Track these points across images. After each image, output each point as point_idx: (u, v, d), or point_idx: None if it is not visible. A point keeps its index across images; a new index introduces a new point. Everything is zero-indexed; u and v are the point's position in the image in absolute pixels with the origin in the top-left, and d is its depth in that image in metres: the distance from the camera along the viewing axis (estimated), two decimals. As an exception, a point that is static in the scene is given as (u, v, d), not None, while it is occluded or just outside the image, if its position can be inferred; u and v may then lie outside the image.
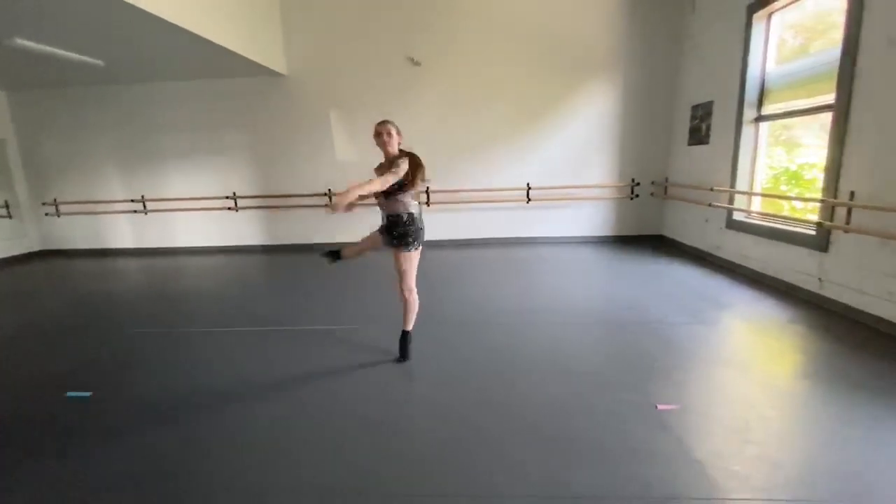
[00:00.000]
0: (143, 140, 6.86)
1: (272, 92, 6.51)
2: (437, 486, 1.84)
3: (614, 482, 1.82)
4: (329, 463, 2.00)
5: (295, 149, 6.68)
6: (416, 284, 2.93)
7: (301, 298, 4.50)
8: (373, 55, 6.29)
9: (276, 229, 7.03)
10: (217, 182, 6.89)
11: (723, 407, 2.31)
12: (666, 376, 2.64)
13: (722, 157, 5.00)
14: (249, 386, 2.73)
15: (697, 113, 5.54)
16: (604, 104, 6.28)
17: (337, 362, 2.98)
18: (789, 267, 4.05)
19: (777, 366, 2.81)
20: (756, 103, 4.60)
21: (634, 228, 6.62)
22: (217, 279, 5.51)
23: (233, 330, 3.66)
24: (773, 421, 2.20)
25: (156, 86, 6.62)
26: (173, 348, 3.34)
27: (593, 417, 2.25)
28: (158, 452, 2.12)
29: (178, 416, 2.42)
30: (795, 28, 4.39)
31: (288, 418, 2.36)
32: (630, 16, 6.02)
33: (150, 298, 4.79)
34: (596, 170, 6.45)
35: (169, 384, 2.80)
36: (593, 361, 2.86)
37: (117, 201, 7.10)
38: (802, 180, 4.46)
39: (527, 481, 1.84)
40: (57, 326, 3.95)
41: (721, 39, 5.04)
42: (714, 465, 1.89)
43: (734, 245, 4.85)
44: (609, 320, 3.54)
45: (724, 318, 3.61)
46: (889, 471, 1.83)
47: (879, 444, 1.99)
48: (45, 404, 2.61)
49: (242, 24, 5.21)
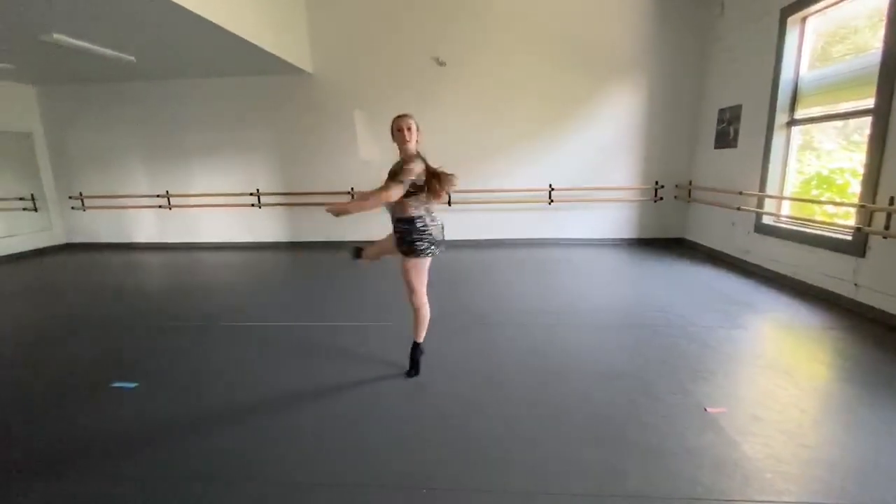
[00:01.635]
0: (168, 136, 6.95)
1: (297, 90, 6.56)
2: (488, 482, 1.86)
3: (670, 483, 1.83)
4: (379, 459, 2.02)
5: (318, 147, 6.73)
6: (430, 290, 2.74)
7: (330, 294, 4.54)
8: (398, 54, 6.32)
9: (298, 226, 7.09)
10: (240, 179, 6.96)
11: (772, 410, 2.31)
12: (710, 379, 2.64)
13: (751, 161, 4.98)
14: (287, 381, 2.76)
15: (725, 116, 5.52)
16: (628, 106, 6.27)
17: (374, 358, 3.01)
18: (822, 272, 4.02)
19: (821, 370, 2.80)
20: (788, 107, 4.58)
21: (657, 231, 6.60)
22: (243, 274, 5.57)
23: (264, 325, 3.70)
24: (825, 425, 2.20)
25: (183, 82, 6.69)
26: (206, 341, 3.39)
27: (642, 419, 2.26)
28: (207, 447, 2.15)
29: (224, 409, 2.46)
30: (831, 32, 4.36)
31: (333, 412, 2.39)
32: (656, 17, 6.00)
33: (178, 292, 4.85)
34: (619, 172, 6.44)
35: (206, 377, 2.84)
36: (633, 364, 2.86)
37: (142, 196, 7.19)
38: (834, 185, 4.43)
39: (580, 479, 1.86)
40: (89, 319, 4.01)
41: (752, 42, 5.02)
42: (771, 467, 1.90)
43: (763, 249, 4.83)
44: (642, 323, 3.54)
45: (759, 321, 3.60)
46: (949, 477, 1.83)
47: (936, 451, 1.98)
48: (91, 395, 2.66)
49: (270, 20, 5.25)
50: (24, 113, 6.92)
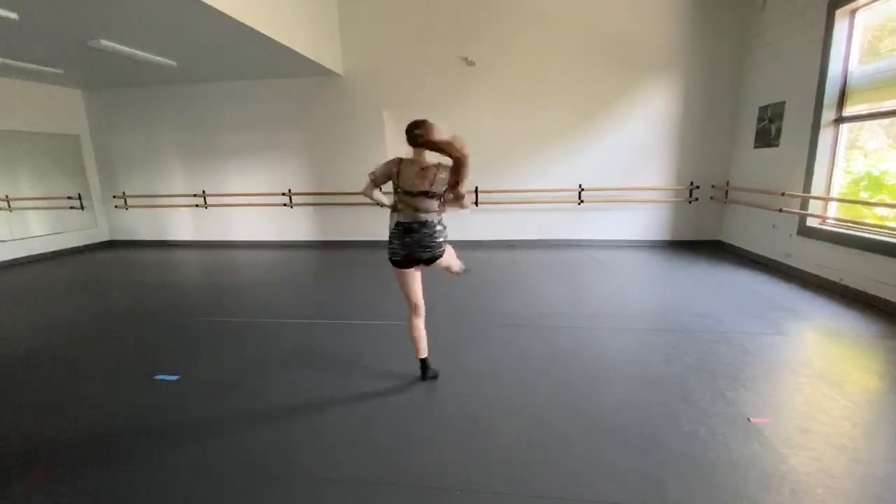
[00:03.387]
0: (205, 137, 7.18)
1: (328, 91, 6.67)
2: (521, 487, 1.84)
3: (713, 495, 1.77)
4: (409, 459, 2.03)
5: (348, 148, 6.82)
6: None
7: (364, 292, 4.59)
8: (427, 55, 6.34)
9: (328, 226, 7.20)
10: (273, 179, 7.12)
11: (821, 422, 2.21)
12: (753, 388, 2.54)
13: (795, 161, 4.77)
14: (322, 378, 2.80)
15: (766, 114, 5.31)
16: (663, 104, 6.11)
17: (406, 358, 3.02)
18: (873, 277, 3.83)
19: (873, 382, 2.66)
20: (836, 104, 4.37)
21: (691, 233, 6.41)
22: (276, 272, 5.70)
23: (300, 322, 3.78)
24: (879, 439, 2.09)
25: (219, 85, 6.90)
26: (244, 337, 3.48)
27: (682, 427, 2.20)
28: (247, 441, 2.21)
29: (264, 402, 2.52)
30: (880, 26, 4.14)
31: (371, 411, 2.42)
32: (692, 12, 5.82)
33: (216, 288, 5.01)
34: (652, 172, 6.28)
35: (244, 371, 2.91)
36: (670, 370, 2.78)
37: (180, 195, 7.45)
38: (885, 186, 4.21)
39: (617, 488, 1.82)
40: (132, 313, 4.18)
41: (796, 37, 4.80)
42: (822, 483, 1.81)
43: (807, 253, 4.63)
44: (678, 328, 3.44)
45: (804, 329, 3.45)
46: None
47: None
48: (136, 385, 2.77)
49: (303, 23, 5.35)
50: (72, 116, 7.27)
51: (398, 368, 2.88)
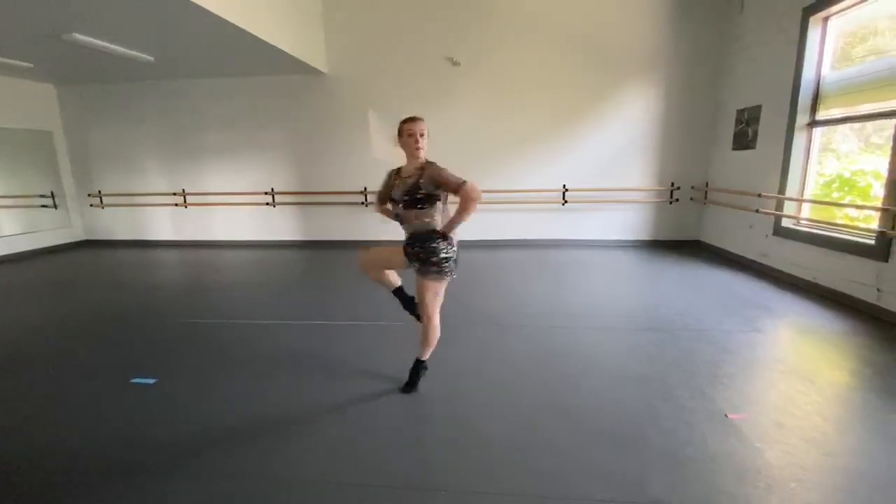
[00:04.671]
0: (184, 135, 7.03)
1: (311, 90, 6.60)
2: (505, 486, 1.86)
3: (692, 490, 1.81)
4: (392, 461, 2.03)
5: (332, 147, 6.76)
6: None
7: (348, 293, 4.56)
8: (412, 54, 6.33)
9: (313, 225, 7.13)
10: (255, 178, 7.02)
11: (795, 417, 2.28)
12: (730, 384, 2.61)
13: (770, 163, 4.91)
14: (309, 379, 2.78)
15: (743, 117, 5.44)
16: (644, 106, 6.21)
17: (391, 359, 3.02)
18: (844, 276, 3.96)
19: (844, 377, 2.76)
20: (810, 108, 4.50)
21: (672, 233, 6.53)
22: (257, 272, 5.62)
23: (281, 323, 3.73)
24: (848, 433, 2.17)
25: (199, 82, 6.77)
26: (224, 338, 3.43)
27: (663, 424, 2.24)
28: (227, 445, 2.18)
29: (244, 405, 2.49)
30: (853, 33, 4.28)
31: (356, 411, 2.40)
32: (673, 16, 5.93)
33: (194, 289, 4.92)
34: (634, 173, 6.38)
35: (226, 373, 2.87)
36: (651, 368, 2.84)
37: (158, 194, 7.28)
38: (857, 187, 4.35)
39: (601, 486, 1.85)
40: (107, 314, 4.08)
41: (772, 42, 4.93)
42: (795, 476, 1.87)
43: (782, 253, 4.76)
44: (659, 326, 3.51)
45: (779, 326, 3.55)
46: (981, 490, 1.79)
47: (966, 462, 1.94)
48: (112, 390, 2.70)
49: (286, 20, 5.28)
50: (44, 111, 7.05)
51: (383, 369, 2.87)
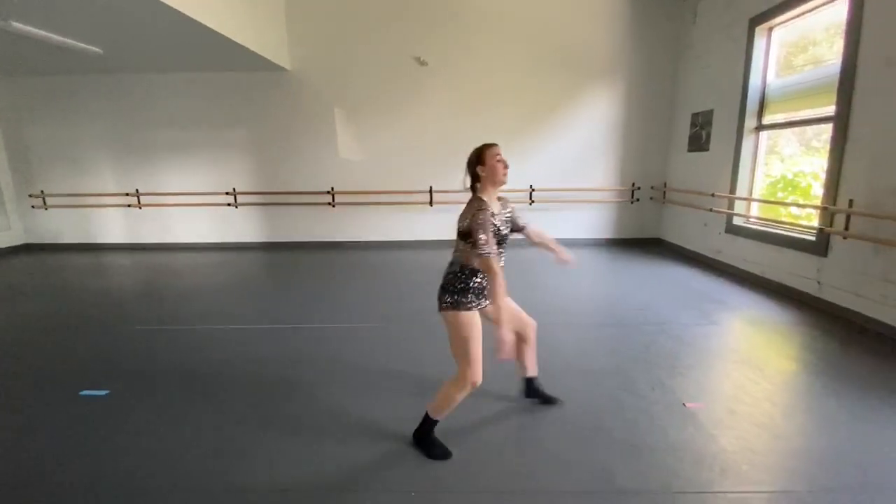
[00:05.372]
0: (138, 132, 6.70)
1: (274, 87, 6.44)
2: (473, 482, 1.88)
3: (654, 477, 1.89)
4: (369, 460, 2.02)
5: (297, 145, 6.62)
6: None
7: (312, 295, 4.48)
8: (379, 54, 6.28)
9: (276, 227, 6.95)
10: (215, 177, 6.78)
11: (746, 404, 2.42)
12: (687, 375, 2.74)
13: (722, 164, 5.18)
14: (270, 388, 2.72)
15: (698, 121, 5.72)
16: (606, 109, 6.42)
17: (352, 359, 2.99)
18: (789, 270, 4.22)
19: (789, 365, 2.95)
20: (756, 113, 4.78)
21: (634, 232, 6.78)
22: (217, 276, 5.42)
23: (240, 328, 3.63)
24: (795, 417, 2.32)
25: (154, 77, 6.47)
26: (180, 345, 3.30)
27: (626, 415, 2.33)
28: (176, 451, 2.10)
29: (200, 417, 2.40)
30: (795, 43, 4.58)
31: (318, 415, 2.37)
32: (632, 24, 6.16)
33: (148, 295, 4.69)
34: (598, 173, 6.58)
35: (181, 382, 2.76)
36: (614, 362, 2.94)
37: (109, 194, 6.90)
38: (798, 188, 4.66)
39: (570, 477, 1.90)
40: (52, 323, 3.84)
41: (722, 50, 5.21)
42: (747, 459, 1.99)
43: (734, 249, 5.03)
44: (622, 322, 3.64)
45: (732, 319, 3.76)
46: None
47: (889, 436, 2.11)
48: (57, 404, 2.55)
49: (245, 14, 5.11)
50: (-21, 106, 6.56)
51: (344, 371, 2.83)
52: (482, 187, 2.06)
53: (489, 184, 2.05)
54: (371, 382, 2.71)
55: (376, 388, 2.64)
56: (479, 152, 2.07)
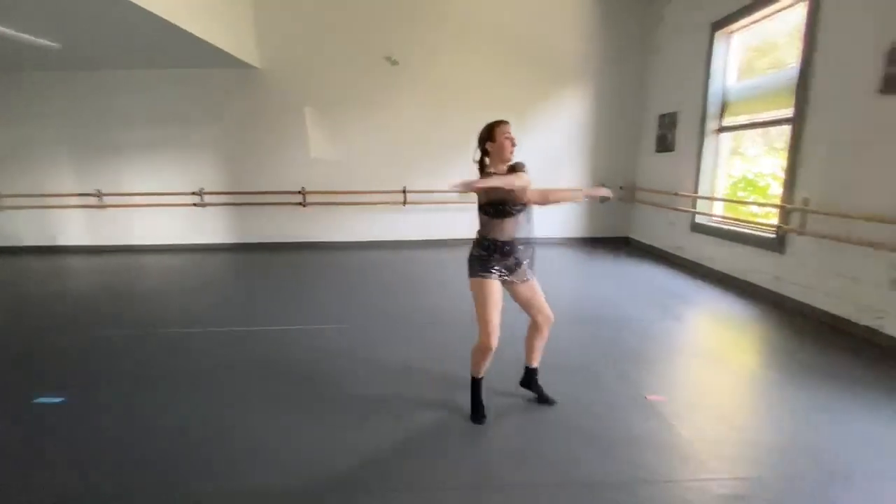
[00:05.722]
0: (100, 130, 6.45)
1: (243, 85, 6.30)
2: (448, 476, 1.88)
3: (617, 469, 1.93)
4: (335, 463, 1.99)
5: (267, 144, 6.50)
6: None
7: (280, 297, 4.40)
8: (350, 52, 6.23)
9: (245, 227, 6.80)
10: (182, 177, 6.59)
11: (706, 396, 2.50)
12: (650, 369, 2.80)
13: (686, 164, 5.33)
14: (231, 389, 2.66)
15: (664, 122, 5.87)
16: (576, 110, 6.53)
17: (327, 361, 2.95)
18: (749, 267, 4.38)
19: (748, 357, 3.06)
20: (718, 115, 4.94)
21: (604, 230, 6.91)
22: (182, 278, 5.28)
23: (206, 331, 3.53)
24: (752, 407, 2.41)
25: (117, 73, 6.25)
26: (142, 351, 3.19)
27: (591, 409, 2.37)
28: (141, 458, 2.04)
29: (162, 421, 2.33)
30: (755, 47, 4.75)
31: (281, 417, 2.33)
32: (602, 27, 6.29)
33: (111, 299, 4.52)
34: (568, 173, 6.68)
35: (142, 387, 2.67)
36: (582, 357, 2.98)
37: (70, 195, 6.63)
38: (758, 187, 4.83)
39: (534, 470, 1.92)
40: (9, 327, 3.66)
41: (686, 53, 5.37)
42: (705, 449, 2.04)
43: (698, 247, 5.19)
44: (590, 318, 3.70)
45: (695, 314, 3.87)
46: (852, 447, 2.04)
47: (842, 425, 2.21)
48: (10, 412, 2.43)
49: (211, 10, 4.96)
50: (-75, 102, 6.20)
51: (321, 375, 2.80)
52: (491, 161, 2.15)
53: (497, 159, 2.15)
54: (336, 387, 2.67)
55: (339, 392, 2.61)
56: (490, 128, 2.14)
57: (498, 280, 2.17)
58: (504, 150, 2.12)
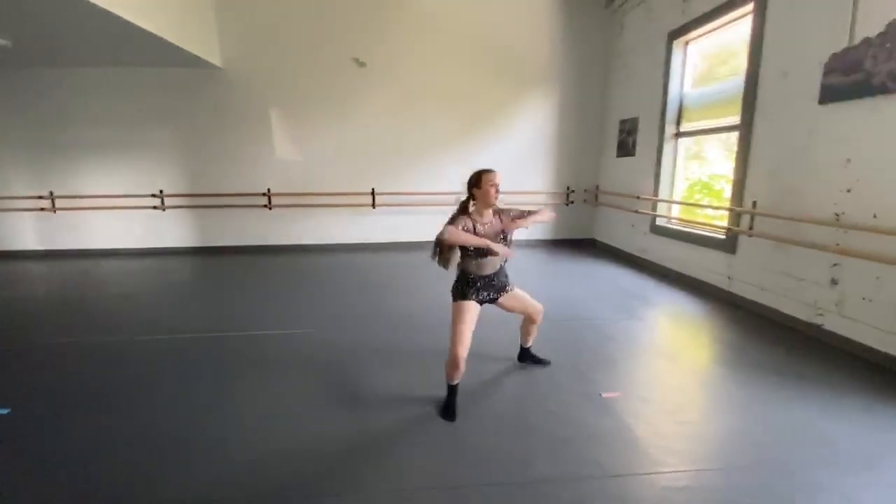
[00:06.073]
0: (53, 130, 6.16)
1: (206, 85, 6.15)
2: (404, 480, 1.88)
3: (570, 465, 1.97)
4: (292, 468, 1.97)
5: (231, 146, 6.35)
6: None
7: (242, 302, 4.30)
8: (316, 53, 6.17)
9: (209, 231, 6.62)
10: (141, 178, 6.36)
11: (658, 392, 2.58)
12: (608, 367, 2.88)
13: (646, 169, 5.51)
14: (186, 395, 2.58)
15: (625, 127, 6.05)
16: (542, 116, 6.65)
17: (287, 369, 2.91)
18: (704, 267, 4.55)
19: (700, 354, 3.18)
20: (675, 121, 5.13)
21: (569, 233, 7.05)
22: (140, 284, 5.08)
23: (163, 338, 3.42)
24: (701, 402, 2.50)
25: (72, 71, 5.98)
26: (93, 358, 3.06)
27: (548, 407, 2.42)
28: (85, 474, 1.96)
29: (111, 432, 2.24)
30: (711, 55, 4.95)
31: (235, 420, 2.28)
32: (566, 34, 6.44)
33: (63, 306, 4.32)
34: (534, 176, 6.80)
35: (92, 396, 2.57)
36: (542, 355, 3.02)
37: (19, 197, 6.30)
38: (713, 190, 5.03)
39: (488, 469, 1.94)
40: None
41: (646, 61, 5.55)
42: (655, 444, 2.11)
43: (657, 248, 5.36)
44: (553, 318, 3.74)
45: (653, 313, 3.99)
46: (792, 438, 2.15)
47: (788, 418, 2.32)
48: (-52, 426, 2.29)
49: (167, 7, 4.80)
50: None
51: (270, 375, 2.75)
52: (476, 204, 2.42)
53: (482, 204, 2.40)
54: (298, 392, 2.64)
55: (302, 396, 2.58)
56: (478, 175, 2.40)
57: (476, 302, 2.43)
58: (489, 196, 2.37)
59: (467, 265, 2.44)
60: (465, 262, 2.45)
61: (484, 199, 2.39)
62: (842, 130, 3.11)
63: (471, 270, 2.44)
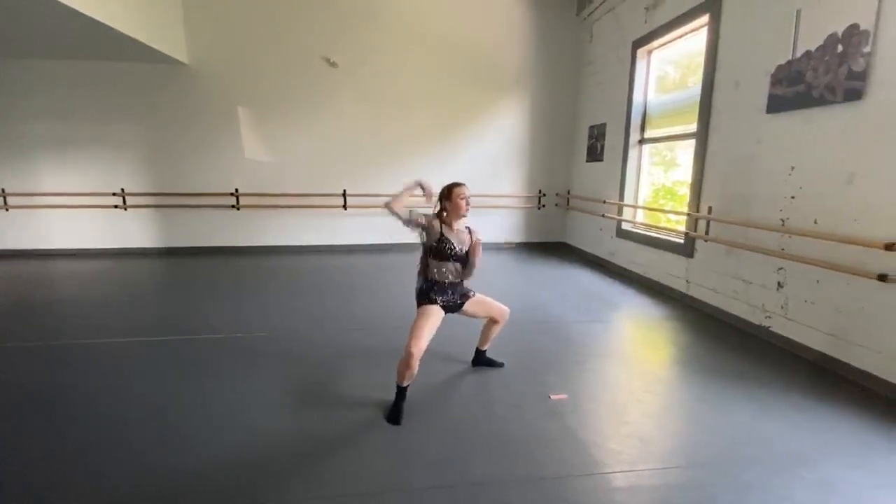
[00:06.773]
0: (4, 125, 5.94)
1: (171, 81, 6.01)
2: (335, 488, 1.86)
3: (511, 467, 1.98)
4: (233, 474, 1.93)
5: (197, 144, 6.23)
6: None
7: (203, 304, 4.21)
8: (287, 52, 6.11)
9: (173, 231, 6.47)
10: (102, 176, 6.18)
11: (605, 394, 2.62)
12: (560, 369, 2.91)
13: (613, 174, 5.61)
14: (140, 398, 2.52)
15: (594, 133, 6.15)
16: (514, 120, 6.71)
17: (246, 372, 2.86)
18: (665, 271, 4.65)
19: (652, 356, 3.24)
20: (640, 127, 5.24)
21: (541, 236, 7.13)
22: (97, 285, 4.93)
23: (119, 341, 3.33)
24: (645, 403, 2.54)
25: (22, 63, 5.78)
26: (46, 363, 2.96)
27: (495, 409, 2.43)
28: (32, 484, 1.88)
29: (58, 439, 2.17)
30: (674, 63, 5.07)
31: (193, 419, 2.23)
32: (538, 40, 6.52)
33: (14, 308, 4.16)
34: (507, 180, 6.86)
35: (45, 404, 2.48)
36: (499, 358, 3.04)
37: (-31, 195, 6.06)
38: (676, 196, 5.15)
39: (427, 472, 1.94)
40: None
41: (613, 69, 5.66)
42: (596, 444, 2.14)
43: (623, 252, 5.46)
44: (516, 320, 3.70)
45: (614, 316, 4.06)
46: (730, 437, 2.20)
47: (727, 418, 2.38)
48: None
49: (132, 1, 4.71)
50: None
51: (228, 378, 2.70)
52: (448, 215, 2.57)
53: (453, 215, 2.56)
54: (254, 396, 2.59)
55: (257, 397, 2.54)
56: (449, 189, 2.57)
57: (440, 306, 2.50)
58: (459, 208, 2.55)
59: (429, 271, 2.54)
60: (427, 269, 2.56)
61: (455, 211, 2.54)
62: (786, 140, 3.22)
63: (432, 276, 2.52)
